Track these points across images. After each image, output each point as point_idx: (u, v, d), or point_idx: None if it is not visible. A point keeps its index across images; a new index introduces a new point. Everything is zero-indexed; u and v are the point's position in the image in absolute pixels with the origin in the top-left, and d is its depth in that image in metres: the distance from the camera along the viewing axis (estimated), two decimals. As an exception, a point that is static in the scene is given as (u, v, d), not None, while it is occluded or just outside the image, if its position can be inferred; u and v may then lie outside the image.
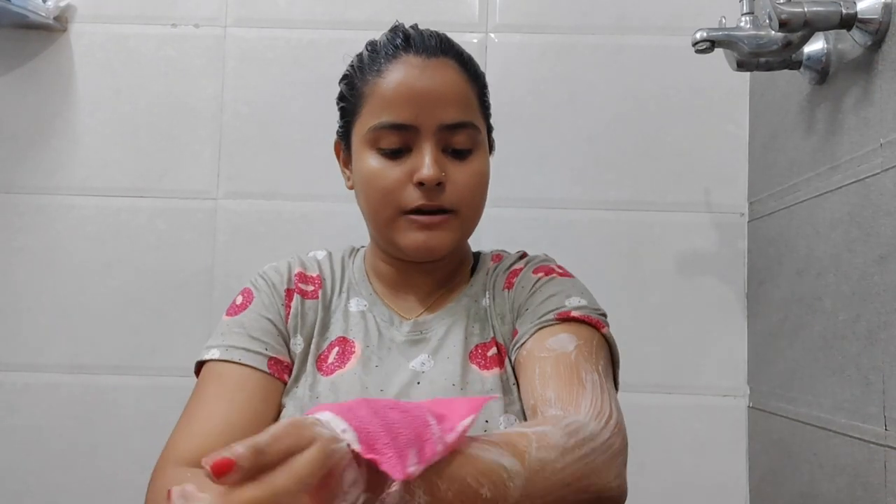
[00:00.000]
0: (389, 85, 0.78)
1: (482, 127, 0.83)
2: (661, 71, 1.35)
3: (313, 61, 1.38)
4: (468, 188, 0.80)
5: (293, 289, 0.85)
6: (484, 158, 0.83)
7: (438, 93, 0.78)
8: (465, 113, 0.79)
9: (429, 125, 0.77)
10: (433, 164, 0.76)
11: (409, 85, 0.77)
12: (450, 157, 0.79)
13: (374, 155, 0.79)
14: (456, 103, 0.79)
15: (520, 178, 1.35)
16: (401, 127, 0.77)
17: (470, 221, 0.83)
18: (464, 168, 0.80)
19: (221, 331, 0.82)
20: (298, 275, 0.87)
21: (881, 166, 0.87)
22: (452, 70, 0.80)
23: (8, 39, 1.38)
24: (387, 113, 0.78)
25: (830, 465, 0.99)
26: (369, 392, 0.78)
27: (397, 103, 0.77)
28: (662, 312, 1.32)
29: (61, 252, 1.36)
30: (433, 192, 0.77)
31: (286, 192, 1.36)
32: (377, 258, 0.88)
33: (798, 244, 1.10)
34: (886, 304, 0.85)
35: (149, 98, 1.39)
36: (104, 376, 1.34)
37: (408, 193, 0.78)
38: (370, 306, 0.86)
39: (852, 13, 0.90)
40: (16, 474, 1.33)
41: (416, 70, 0.78)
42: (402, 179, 0.78)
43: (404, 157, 0.78)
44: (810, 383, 1.05)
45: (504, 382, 0.79)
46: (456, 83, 0.79)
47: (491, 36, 1.37)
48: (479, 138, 0.81)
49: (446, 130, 0.78)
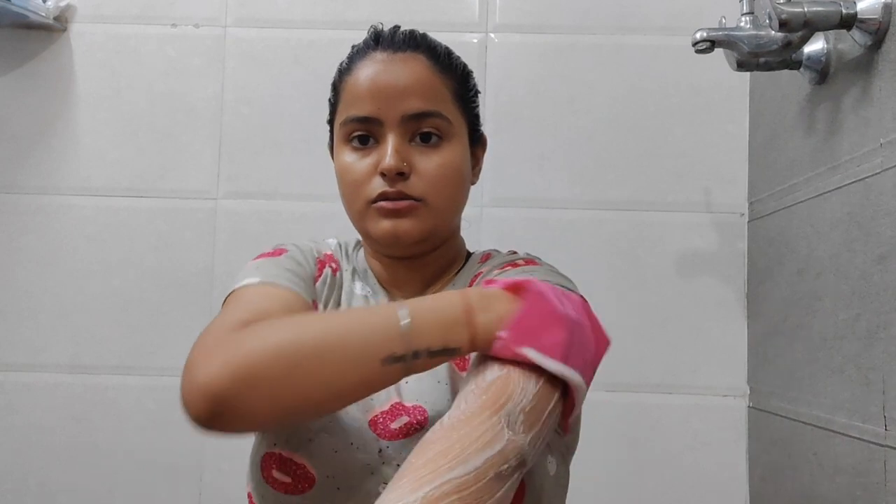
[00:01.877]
0: (356, 81, 0.80)
1: (455, 119, 0.82)
2: (661, 71, 1.35)
3: (313, 61, 1.38)
4: (435, 178, 0.79)
5: (324, 260, 0.87)
6: (456, 149, 0.82)
7: (401, 85, 0.79)
8: (430, 103, 0.80)
9: (392, 116, 0.79)
10: (394, 154, 0.78)
11: (372, 79, 0.79)
12: (418, 148, 0.80)
13: (347, 149, 0.81)
14: (420, 94, 0.79)
15: (520, 178, 1.35)
16: (365, 120, 0.79)
17: (441, 212, 0.81)
18: (430, 158, 0.80)
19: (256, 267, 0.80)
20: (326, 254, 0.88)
21: (881, 166, 0.87)
22: (419, 63, 0.81)
23: (8, 39, 1.38)
24: (354, 107, 0.80)
25: (830, 465, 0.99)
26: None
27: (362, 97, 0.79)
28: (662, 312, 1.32)
29: (61, 252, 1.37)
30: (395, 181, 0.78)
31: (286, 192, 1.36)
32: (368, 255, 0.90)
33: (798, 244, 1.10)
34: (886, 303, 0.85)
35: (149, 98, 1.39)
36: (104, 376, 1.35)
37: (374, 184, 0.79)
38: (373, 293, 0.87)
39: (852, 13, 0.90)
40: (16, 474, 1.33)
41: (380, 65, 0.80)
42: (369, 171, 0.79)
43: (371, 150, 0.80)
44: (810, 383, 1.05)
45: None
46: (421, 74, 0.80)
47: (491, 36, 1.37)
48: (448, 129, 0.81)
49: (411, 121, 0.79)
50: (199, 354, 0.63)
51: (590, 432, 0.94)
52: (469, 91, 0.86)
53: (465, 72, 0.86)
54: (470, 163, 0.86)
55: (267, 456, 0.75)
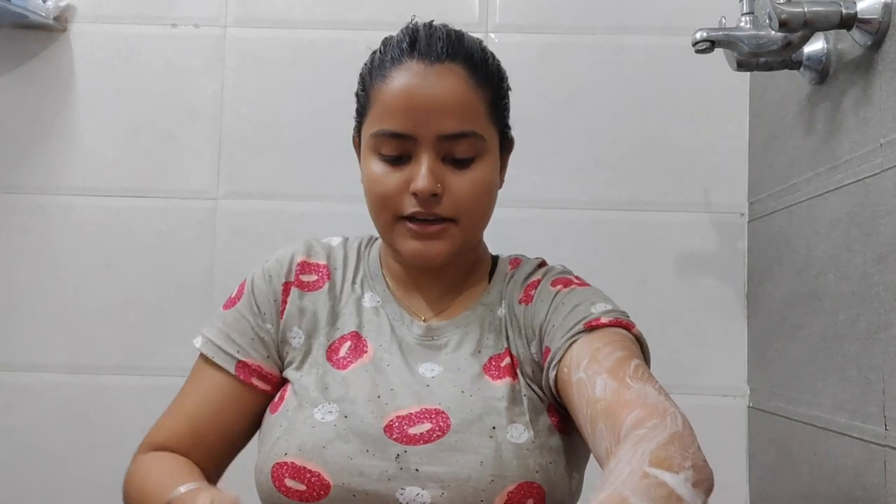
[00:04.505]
0: (391, 92, 0.78)
1: (488, 134, 0.80)
2: (661, 71, 1.35)
3: (313, 61, 1.38)
4: (467, 198, 0.79)
5: (292, 282, 0.86)
6: (489, 166, 0.81)
7: (438, 102, 0.77)
8: (466, 122, 0.78)
9: (427, 135, 0.77)
10: (428, 175, 0.76)
11: (409, 93, 0.77)
12: (450, 167, 0.79)
13: (376, 160, 0.80)
14: (456, 112, 0.77)
15: (520, 178, 1.34)
16: (399, 136, 0.77)
17: (471, 230, 0.82)
18: (464, 178, 0.79)
19: (213, 320, 0.88)
20: (301, 264, 0.87)
21: (881, 166, 0.87)
22: (456, 76, 0.78)
23: (8, 39, 1.38)
24: (387, 121, 0.78)
25: (830, 465, 0.99)
26: (379, 389, 0.78)
27: (396, 112, 0.77)
28: (662, 312, 1.32)
29: (61, 252, 1.36)
30: (429, 203, 0.77)
31: (286, 192, 1.36)
32: (388, 255, 0.88)
33: (798, 244, 1.10)
34: (886, 303, 0.85)
35: (149, 98, 1.39)
36: (104, 376, 1.34)
37: (405, 201, 0.78)
38: (383, 303, 0.86)
39: (852, 13, 0.90)
40: (15, 474, 1.33)
41: (417, 78, 0.77)
42: (400, 187, 0.78)
43: (404, 165, 0.78)
44: (810, 383, 1.05)
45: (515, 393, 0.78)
46: (458, 91, 0.78)
47: (491, 36, 1.37)
48: (482, 147, 0.79)
49: (446, 140, 0.77)
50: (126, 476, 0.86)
51: (590, 432, 0.94)
52: (503, 98, 0.84)
53: (499, 79, 0.84)
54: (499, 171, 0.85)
55: (277, 466, 0.75)
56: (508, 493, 0.72)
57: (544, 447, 0.75)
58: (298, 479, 0.74)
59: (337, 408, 0.77)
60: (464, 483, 0.72)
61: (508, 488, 0.72)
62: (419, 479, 0.72)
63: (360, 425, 0.75)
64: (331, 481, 0.73)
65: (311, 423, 0.76)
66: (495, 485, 0.72)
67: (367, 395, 0.78)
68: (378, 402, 0.77)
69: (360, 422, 0.75)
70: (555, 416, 0.78)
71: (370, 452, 0.74)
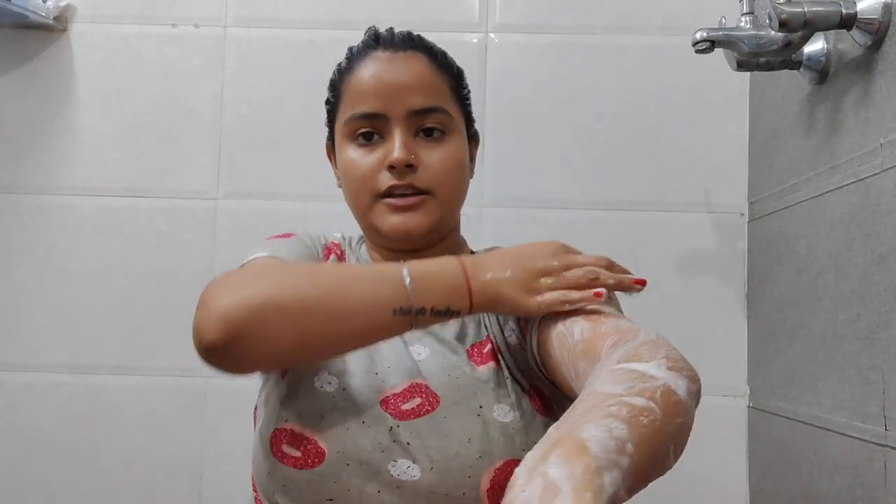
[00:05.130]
0: (361, 79, 0.83)
1: (455, 114, 0.85)
2: (660, 71, 1.35)
3: (313, 61, 1.38)
4: (441, 170, 0.82)
5: (330, 247, 0.90)
6: (458, 143, 0.85)
7: (406, 82, 0.82)
8: (433, 98, 0.83)
9: (398, 112, 0.82)
10: (402, 147, 0.80)
11: (377, 76, 0.82)
12: (423, 141, 0.83)
13: (352, 146, 0.84)
14: (423, 90, 0.82)
15: (520, 178, 1.35)
16: (371, 116, 0.82)
17: (447, 204, 0.85)
18: (436, 151, 0.83)
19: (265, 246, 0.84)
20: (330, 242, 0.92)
21: (881, 166, 0.87)
22: (420, 61, 0.84)
23: (8, 39, 1.38)
24: (359, 105, 0.83)
25: (830, 465, 0.99)
26: (377, 366, 0.80)
27: (367, 94, 0.82)
28: (662, 312, 1.32)
29: (61, 252, 1.36)
30: (404, 174, 0.81)
31: (286, 192, 1.36)
32: (370, 250, 0.91)
33: (798, 244, 1.10)
34: (886, 303, 0.85)
35: (149, 98, 1.39)
36: (104, 376, 1.34)
37: (382, 177, 0.82)
38: None
39: (852, 13, 0.90)
40: (16, 474, 1.33)
41: (384, 63, 0.83)
42: (377, 165, 0.82)
43: (378, 145, 0.83)
44: (810, 383, 1.05)
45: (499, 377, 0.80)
46: (423, 72, 0.84)
47: (491, 36, 1.37)
48: (450, 123, 0.84)
49: (416, 116, 0.82)
50: (217, 287, 0.68)
51: (590, 432, 0.94)
52: (463, 89, 0.90)
53: (459, 71, 0.90)
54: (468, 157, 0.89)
55: (277, 432, 0.76)
56: (495, 469, 0.73)
57: (530, 426, 0.77)
58: (295, 445, 0.75)
59: (337, 381, 0.79)
60: (451, 459, 0.73)
61: (496, 465, 0.73)
62: (410, 452, 0.74)
63: (358, 398, 0.77)
64: (326, 449, 0.74)
65: (311, 391, 0.78)
66: (482, 462, 0.73)
67: (364, 370, 0.80)
68: (376, 378, 0.79)
69: (358, 395, 0.77)
70: (536, 401, 0.80)
71: (365, 424, 0.75)
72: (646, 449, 0.48)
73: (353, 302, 0.68)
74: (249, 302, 0.65)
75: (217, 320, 0.65)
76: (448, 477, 0.73)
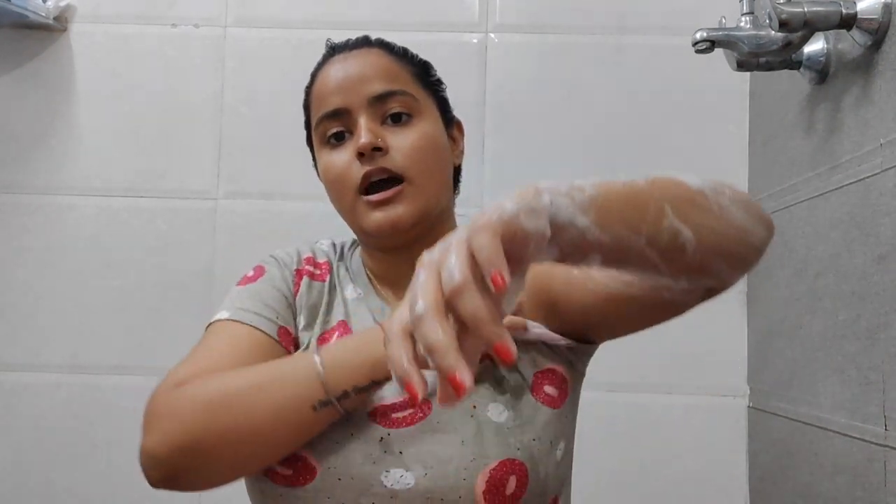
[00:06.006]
0: (320, 84, 0.85)
1: (420, 96, 0.84)
2: (660, 71, 1.35)
3: (313, 61, 1.37)
4: (412, 151, 0.81)
5: (302, 269, 0.89)
6: (429, 124, 0.84)
7: (363, 72, 0.82)
8: (393, 83, 0.82)
9: (358, 102, 0.82)
10: (367, 132, 0.80)
11: (334, 76, 0.84)
12: (391, 127, 0.82)
13: (325, 150, 0.85)
14: (381, 77, 0.82)
15: (520, 177, 1.35)
16: (334, 113, 0.82)
17: (427, 188, 0.82)
18: (405, 133, 0.82)
19: (232, 298, 0.84)
20: (307, 259, 0.90)
21: (881, 166, 0.87)
22: (376, 54, 0.85)
23: (8, 39, 1.38)
24: (322, 106, 0.84)
25: (830, 465, 0.99)
26: None
27: (327, 94, 0.83)
28: (662, 312, 1.32)
29: (61, 252, 1.37)
30: (374, 158, 0.80)
31: (286, 192, 1.36)
32: (365, 254, 0.91)
33: (797, 244, 1.10)
34: (886, 303, 0.85)
35: (149, 98, 1.39)
36: (104, 376, 1.34)
37: (354, 169, 0.81)
38: (365, 295, 0.88)
39: (852, 13, 0.90)
40: (15, 474, 1.33)
41: (339, 63, 0.85)
42: (349, 160, 0.82)
43: (349, 142, 0.83)
44: (810, 383, 1.05)
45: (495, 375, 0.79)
46: (380, 62, 0.84)
47: (491, 36, 1.37)
48: (416, 105, 0.83)
49: (378, 102, 0.82)
50: (148, 417, 0.70)
51: (590, 432, 0.94)
52: (431, 77, 0.89)
53: (423, 62, 0.89)
54: (447, 140, 0.87)
55: None
56: (490, 470, 0.72)
57: (526, 425, 0.76)
58: (285, 463, 0.74)
59: None
60: (446, 462, 0.72)
61: (490, 466, 0.72)
62: (402, 461, 0.73)
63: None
64: (317, 465, 0.74)
65: None
66: (476, 463, 0.72)
67: None
68: None
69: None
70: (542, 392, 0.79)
71: (354, 436, 0.74)
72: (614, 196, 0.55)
73: (271, 416, 0.68)
74: (180, 444, 0.67)
75: (152, 464, 0.68)
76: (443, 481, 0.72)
